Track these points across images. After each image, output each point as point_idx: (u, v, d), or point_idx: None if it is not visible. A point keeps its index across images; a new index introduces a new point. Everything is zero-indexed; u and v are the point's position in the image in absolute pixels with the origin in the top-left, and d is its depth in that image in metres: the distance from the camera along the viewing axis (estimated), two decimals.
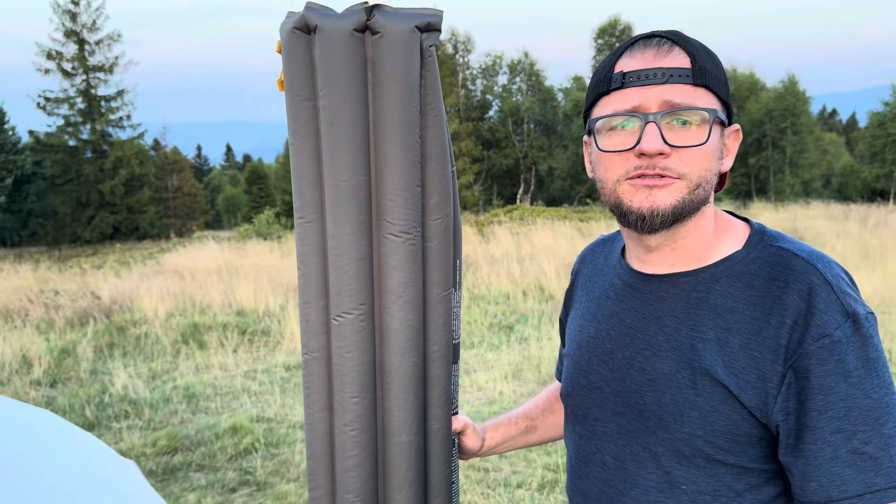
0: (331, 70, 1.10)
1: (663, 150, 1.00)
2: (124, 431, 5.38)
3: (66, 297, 11.14)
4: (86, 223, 36.99)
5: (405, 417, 1.19)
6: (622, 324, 1.13)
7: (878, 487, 0.95)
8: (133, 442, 5.13)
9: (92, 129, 37.96)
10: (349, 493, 1.20)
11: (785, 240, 1.07)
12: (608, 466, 1.12)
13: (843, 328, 0.95)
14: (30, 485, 2.28)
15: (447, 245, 1.21)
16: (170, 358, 7.62)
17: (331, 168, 1.13)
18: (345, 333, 1.16)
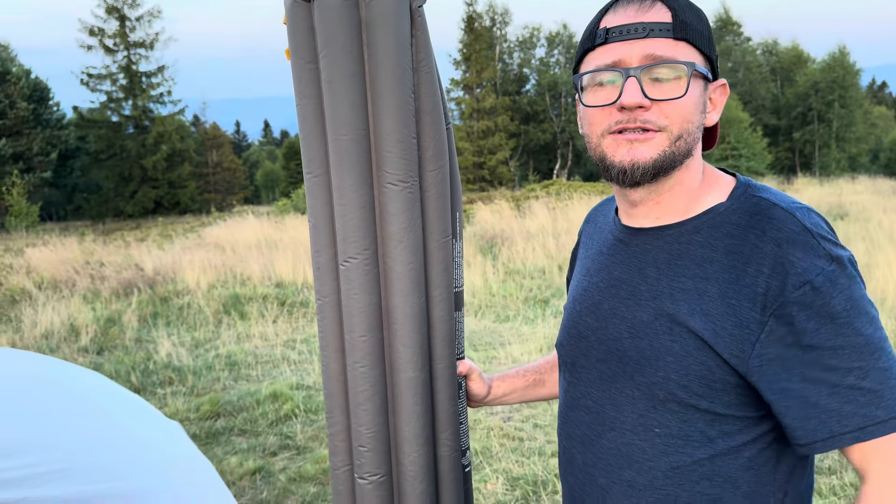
0: (328, 33, 1.19)
1: (643, 104, 1.02)
2: (168, 397, 5.54)
3: (111, 269, 11.44)
4: (129, 198, 37.73)
5: (410, 354, 1.27)
6: (610, 276, 1.16)
7: (880, 419, 0.96)
8: (177, 407, 5.28)
9: (133, 105, 38.54)
10: (362, 426, 1.28)
11: (768, 191, 1.08)
12: (590, 410, 1.16)
13: (825, 273, 0.96)
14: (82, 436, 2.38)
15: (444, 195, 1.30)
16: (212, 327, 7.80)
17: (332, 124, 1.21)
18: (352, 277, 1.24)
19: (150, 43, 38.65)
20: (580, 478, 1.19)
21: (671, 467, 1.07)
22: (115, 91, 38.45)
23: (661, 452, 1.07)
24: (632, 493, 1.10)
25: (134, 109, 38.54)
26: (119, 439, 2.56)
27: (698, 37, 1.05)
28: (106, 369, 6.31)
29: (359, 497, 1.31)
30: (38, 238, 18.69)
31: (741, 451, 1.05)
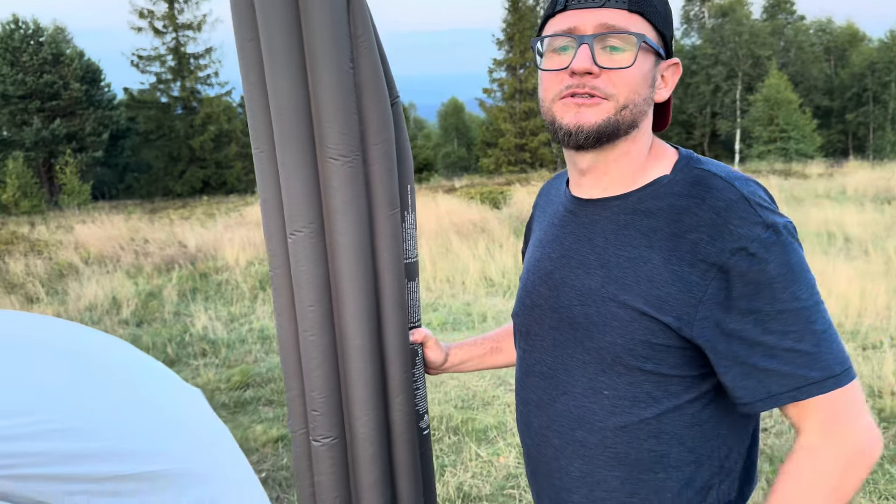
0: (265, 8, 1.20)
1: (591, 70, 1.06)
2: (201, 368, 5.73)
3: (154, 246, 11.78)
4: (177, 177, 38.55)
5: (356, 323, 1.30)
6: (561, 246, 1.20)
7: (815, 380, 1.00)
8: (209, 377, 5.47)
9: (182, 87, 39.26)
10: (314, 391, 1.33)
11: (709, 163, 1.12)
12: (544, 376, 1.21)
13: (760, 240, 1.00)
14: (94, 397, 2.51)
15: (390, 168, 1.31)
16: (247, 303, 8.00)
17: (273, 99, 1.23)
18: (299, 249, 1.28)
19: (198, 24, 39.24)
20: (536, 440, 1.24)
21: (619, 427, 1.12)
22: (163, 72, 39.20)
23: (610, 413, 1.12)
24: (584, 453, 1.15)
25: (182, 91, 39.26)
26: (133, 402, 2.69)
27: (654, 12, 1.08)
28: (143, 341, 6.54)
29: (314, 458, 1.37)
30: (88, 215, 19.30)
31: (685, 408, 1.10)
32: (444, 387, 5.01)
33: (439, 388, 4.99)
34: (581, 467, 1.16)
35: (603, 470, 1.14)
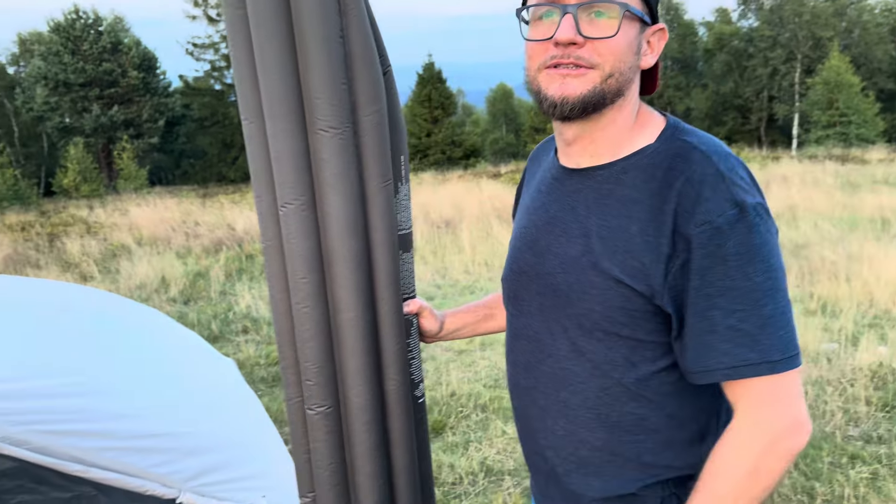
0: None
1: (576, 40, 1.06)
2: (243, 344, 5.91)
3: (204, 228, 12.11)
4: (230, 163, 39.30)
5: (348, 296, 1.31)
6: (546, 214, 1.22)
7: (751, 362, 1.02)
8: (249, 353, 5.64)
9: None
10: (308, 362, 1.34)
11: (693, 134, 1.12)
12: (531, 339, 1.24)
13: (725, 216, 1.01)
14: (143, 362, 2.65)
15: (382, 139, 1.30)
16: None
17: (262, 70, 1.23)
18: (290, 222, 1.28)
19: None
20: (524, 400, 1.28)
21: (601, 389, 1.15)
22: (217, 60, 39.89)
23: (591, 376, 1.15)
24: (567, 413, 1.19)
25: None
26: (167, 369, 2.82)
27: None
28: (190, 318, 6.77)
29: (309, 426, 1.39)
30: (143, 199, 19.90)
31: (664, 375, 1.13)
32: (474, 366, 5.07)
33: (470, 368, 5.05)
34: (565, 426, 1.20)
35: (585, 430, 1.18)
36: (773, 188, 12.35)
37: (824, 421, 3.88)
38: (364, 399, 1.35)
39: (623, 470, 1.17)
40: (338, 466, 1.40)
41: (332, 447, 1.39)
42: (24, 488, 2.46)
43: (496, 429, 3.97)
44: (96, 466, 2.16)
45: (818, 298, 6.07)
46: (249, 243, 10.52)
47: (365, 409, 1.36)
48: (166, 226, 12.48)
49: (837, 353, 4.85)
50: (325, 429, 1.37)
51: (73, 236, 12.08)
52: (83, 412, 2.25)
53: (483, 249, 8.78)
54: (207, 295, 7.77)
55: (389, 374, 1.40)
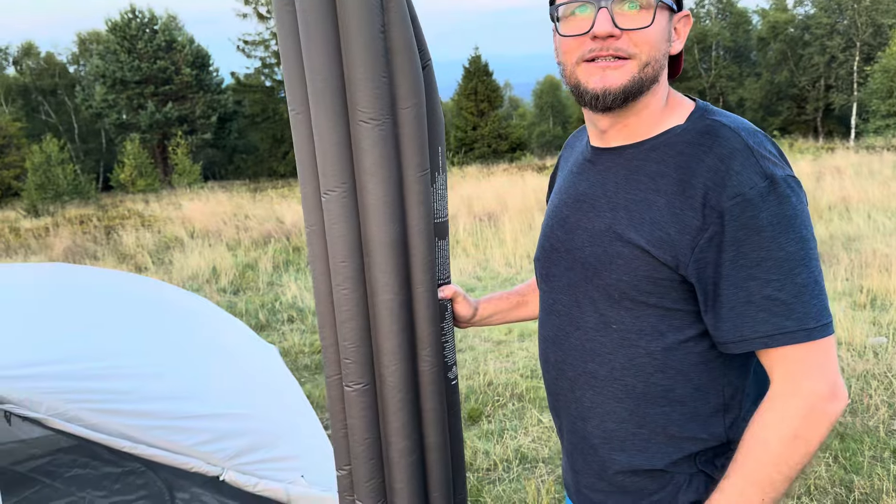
0: None
1: (613, 33, 1.10)
2: (288, 333, 6.07)
3: (254, 221, 12.40)
4: (281, 158, 39.97)
5: (386, 279, 1.37)
6: (576, 192, 1.27)
7: (788, 329, 1.05)
8: (294, 341, 5.79)
9: None
10: (346, 341, 1.41)
11: (722, 114, 1.16)
12: (560, 314, 1.29)
13: (757, 188, 1.04)
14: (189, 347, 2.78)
15: (420, 131, 1.36)
16: None
17: (308, 63, 1.30)
18: (332, 208, 1.34)
19: None
20: (553, 374, 1.32)
21: (628, 359, 1.18)
22: (268, 56, 40.59)
23: (619, 346, 1.18)
24: (595, 384, 1.22)
25: None
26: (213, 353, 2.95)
27: None
28: (238, 307, 6.97)
29: (347, 402, 1.46)
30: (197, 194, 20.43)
31: (691, 345, 1.15)
32: (512, 357, 5.12)
33: (508, 358, 5.10)
34: (593, 398, 1.23)
35: (612, 401, 1.21)
36: (826, 179, 12.04)
37: (868, 415, 3.82)
38: (398, 378, 1.41)
39: (649, 443, 1.19)
40: (373, 442, 1.47)
41: (367, 423, 1.45)
42: (78, 463, 2.62)
43: (532, 417, 4.02)
44: (144, 443, 2.29)
45: (868, 292, 5.94)
46: (296, 236, 10.74)
47: (399, 388, 1.42)
48: (218, 219, 12.81)
49: (885, 346, 4.75)
50: (361, 405, 1.44)
51: (129, 229, 12.50)
52: (133, 393, 2.38)
53: (525, 242, 8.80)
54: (256, 285, 7.98)
55: (423, 355, 1.46)
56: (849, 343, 4.85)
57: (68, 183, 24.40)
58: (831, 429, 1.08)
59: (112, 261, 9.61)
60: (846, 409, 3.89)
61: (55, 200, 22.74)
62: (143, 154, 30.37)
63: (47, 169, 24.08)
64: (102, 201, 23.45)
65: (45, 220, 15.90)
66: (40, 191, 23.46)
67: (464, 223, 10.36)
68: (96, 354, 2.46)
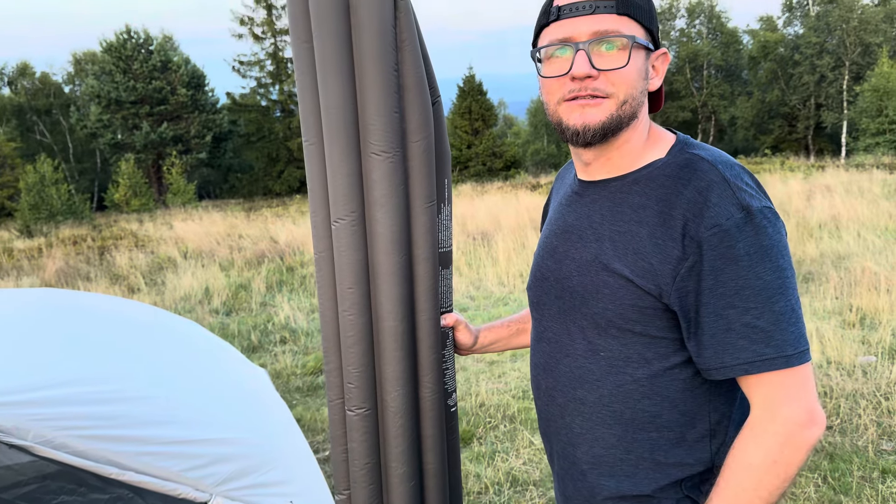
0: (319, 15, 1.33)
1: (591, 74, 1.15)
2: (280, 354, 6.07)
3: (248, 241, 12.40)
4: (276, 177, 40.03)
5: (391, 306, 1.41)
6: (565, 223, 1.32)
7: (767, 356, 1.08)
8: (287, 363, 5.78)
9: (280, 90, 40.74)
10: (350, 366, 1.45)
11: (701, 148, 1.20)
12: (551, 341, 1.32)
13: (733, 219, 1.08)
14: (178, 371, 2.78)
15: (429, 164, 1.41)
16: None
17: (323, 97, 1.35)
18: (341, 236, 1.39)
19: None
20: (545, 400, 1.35)
21: (616, 386, 1.21)
22: (263, 77, 40.79)
23: (607, 373, 1.22)
24: (584, 410, 1.26)
25: (280, 94, 40.73)
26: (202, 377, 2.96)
27: (639, 11, 1.18)
28: (231, 328, 6.96)
29: (348, 426, 1.49)
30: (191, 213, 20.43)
31: (677, 372, 1.19)
32: (504, 377, 5.12)
33: (500, 379, 5.11)
34: (582, 424, 1.26)
35: (601, 427, 1.24)
36: (816, 198, 12.12)
37: (857, 435, 3.83)
38: (400, 403, 1.45)
39: (637, 469, 1.22)
40: (373, 466, 1.50)
41: (368, 448, 1.48)
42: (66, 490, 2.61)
43: (523, 440, 4.02)
44: (132, 470, 2.29)
45: (858, 310, 5.97)
46: (290, 256, 10.74)
47: (400, 413, 1.45)
48: (211, 239, 12.81)
49: (874, 366, 4.77)
50: (362, 430, 1.47)
51: (123, 249, 12.50)
52: (120, 418, 2.38)
53: (518, 261, 8.82)
54: (248, 306, 7.97)
55: (425, 381, 1.49)
56: (838, 362, 4.87)
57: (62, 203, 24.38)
58: (810, 454, 1.10)
59: (105, 282, 9.60)
60: (835, 430, 3.90)
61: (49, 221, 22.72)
62: (137, 174, 30.40)
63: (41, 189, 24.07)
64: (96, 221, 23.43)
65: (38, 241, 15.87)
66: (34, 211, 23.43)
67: (457, 242, 10.39)
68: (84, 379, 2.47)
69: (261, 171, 40.32)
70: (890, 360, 4.82)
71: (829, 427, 3.94)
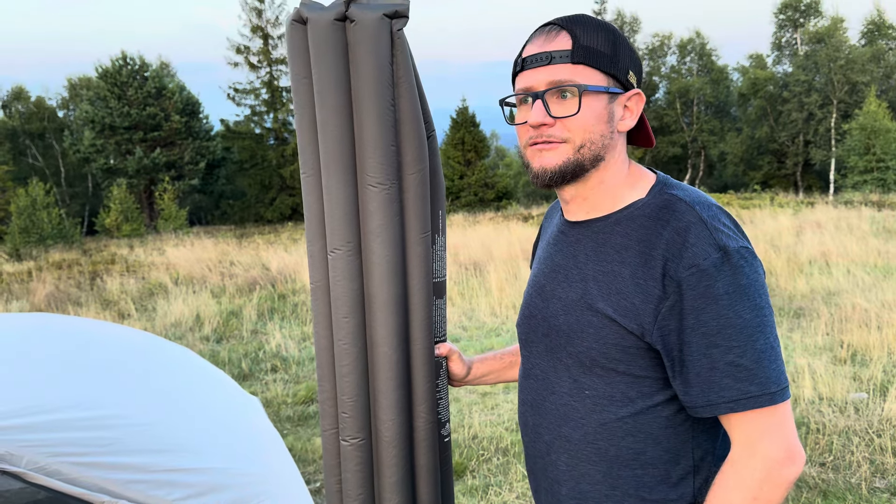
0: (318, 52, 1.36)
1: (545, 122, 1.22)
2: (271, 383, 6.02)
3: (240, 268, 12.36)
4: (268, 204, 40.03)
5: (386, 335, 1.42)
6: (552, 262, 1.35)
7: (753, 394, 1.11)
8: (277, 391, 5.74)
9: (274, 119, 40.92)
10: (344, 395, 1.46)
11: (680, 188, 1.24)
12: (538, 378, 1.35)
13: (711, 258, 1.11)
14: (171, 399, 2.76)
15: (423, 196, 1.44)
16: None
17: (321, 131, 1.38)
18: (337, 265, 1.41)
19: None
20: (531, 436, 1.37)
21: (600, 424, 1.24)
22: (257, 105, 40.98)
23: (591, 411, 1.24)
24: (569, 447, 1.28)
25: (274, 122, 40.91)
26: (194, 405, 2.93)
27: (599, 58, 1.21)
28: (221, 356, 6.92)
29: (343, 456, 1.49)
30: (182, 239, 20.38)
31: (660, 410, 1.21)
32: (497, 409, 5.10)
33: (493, 411, 5.08)
34: (567, 461, 1.28)
35: (586, 464, 1.26)
36: (806, 234, 12.23)
37: (850, 472, 3.83)
38: (394, 433, 1.46)
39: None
40: (366, 497, 1.50)
41: (362, 478, 1.49)
42: None
43: (517, 473, 3.99)
44: (123, 498, 2.26)
45: (848, 346, 6.00)
46: (282, 283, 10.72)
47: (394, 444, 1.46)
48: (203, 265, 12.77)
49: (866, 402, 4.78)
50: (356, 460, 1.48)
51: (114, 274, 12.43)
52: (112, 445, 2.36)
53: (510, 291, 8.83)
54: (240, 333, 7.93)
55: (419, 411, 1.50)
56: (830, 399, 4.88)
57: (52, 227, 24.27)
58: (789, 490, 1.13)
59: (95, 307, 9.53)
60: (828, 467, 3.90)
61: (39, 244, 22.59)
62: (129, 199, 30.31)
63: (32, 213, 23.98)
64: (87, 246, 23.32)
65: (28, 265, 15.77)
66: (24, 234, 23.31)
67: (450, 272, 10.39)
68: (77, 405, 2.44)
69: (253, 199, 40.33)
70: (881, 397, 4.84)
71: (822, 464, 3.94)
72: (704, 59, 44.11)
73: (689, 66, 44.52)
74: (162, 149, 36.84)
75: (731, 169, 43.05)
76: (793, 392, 5.04)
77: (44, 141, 44.28)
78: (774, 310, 7.69)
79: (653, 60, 44.75)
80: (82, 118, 37.60)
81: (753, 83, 40.90)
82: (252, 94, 40.89)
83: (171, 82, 38.30)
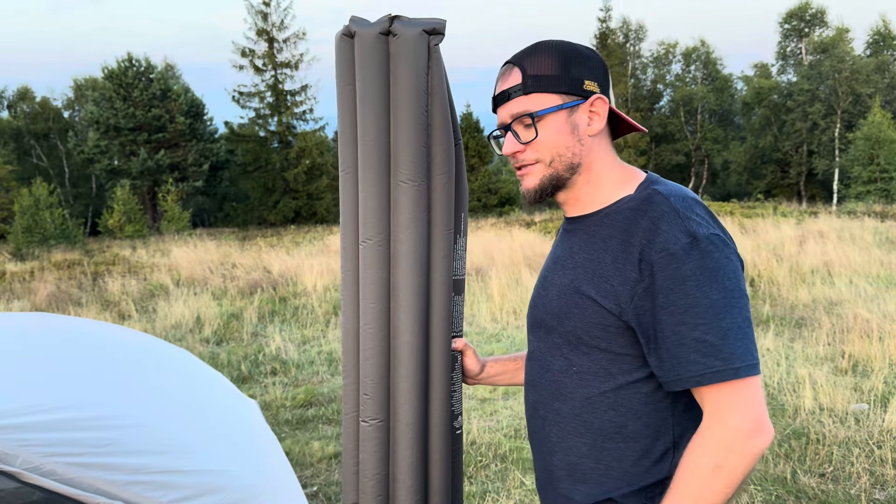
0: (363, 62, 1.51)
1: (515, 150, 1.38)
2: (270, 386, 6.02)
3: (241, 270, 12.37)
4: (271, 207, 40.07)
5: (409, 322, 1.54)
6: (554, 255, 1.50)
7: (717, 368, 1.19)
8: (276, 394, 5.74)
9: (279, 122, 40.97)
10: (367, 377, 1.57)
11: (662, 184, 1.37)
12: (536, 359, 1.47)
13: (680, 243, 1.21)
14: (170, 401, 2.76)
15: (449, 196, 1.57)
16: (321, 326, 8.32)
17: (361, 131, 1.53)
18: (367, 254, 1.54)
19: (296, 63, 40.97)
20: (531, 412, 1.49)
21: (585, 398, 1.35)
22: (262, 108, 41.03)
23: (578, 386, 1.36)
24: (559, 420, 1.40)
25: (279, 125, 40.95)
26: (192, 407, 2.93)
27: (547, 82, 1.34)
28: (221, 358, 6.91)
29: (362, 437, 1.59)
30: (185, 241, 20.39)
31: (639, 386, 1.31)
32: (496, 416, 5.09)
33: (492, 417, 5.07)
34: (558, 433, 1.40)
35: (574, 436, 1.37)
36: (809, 243, 12.21)
37: (850, 483, 3.81)
38: (411, 416, 1.57)
39: (606, 477, 1.34)
40: (382, 478, 1.60)
41: (379, 459, 1.59)
42: None
43: (515, 480, 3.98)
44: (120, 499, 2.25)
45: (850, 357, 5.98)
46: (283, 286, 10.72)
47: (411, 426, 1.57)
48: (204, 267, 12.78)
49: (867, 413, 4.77)
50: (375, 440, 1.58)
51: (115, 275, 12.44)
52: (110, 446, 2.36)
53: (512, 297, 8.82)
54: (240, 336, 7.93)
55: (434, 399, 1.61)
56: (830, 409, 4.86)
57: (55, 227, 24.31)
58: (755, 463, 1.18)
59: (96, 308, 9.54)
60: (828, 477, 3.88)
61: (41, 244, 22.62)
62: (132, 200, 30.35)
63: (35, 212, 24.01)
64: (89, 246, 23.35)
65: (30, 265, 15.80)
66: (27, 234, 23.35)
67: None
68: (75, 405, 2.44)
69: (256, 201, 40.35)
70: (882, 408, 4.82)
71: (821, 475, 3.92)
72: (709, 68, 44.16)
73: (694, 75, 44.56)
74: (166, 150, 36.91)
75: (734, 178, 43.05)
76: (793, 402, 5.02)
77: (48, 141, 44.42)
78: (776, 319, 7.68)
79: (658, 68, 44.79)
80: (87, 119, 37.69)
81: (758, 92, 40.94)
82: (257, 96, 40.95)
83: (177, 84, 38.42)
